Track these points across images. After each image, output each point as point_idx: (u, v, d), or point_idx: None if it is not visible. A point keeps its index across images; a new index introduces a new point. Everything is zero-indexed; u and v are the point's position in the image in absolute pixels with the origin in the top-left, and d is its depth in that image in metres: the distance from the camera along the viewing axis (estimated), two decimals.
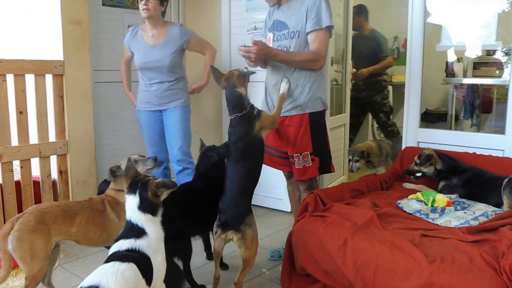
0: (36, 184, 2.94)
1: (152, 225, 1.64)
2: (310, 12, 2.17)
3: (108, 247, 1.67)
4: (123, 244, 1.57)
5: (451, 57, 4.38)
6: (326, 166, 2.35)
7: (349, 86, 4.05)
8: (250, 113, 2.03)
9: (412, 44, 2.88)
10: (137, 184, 1.66)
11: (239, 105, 2.02)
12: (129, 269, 1.46)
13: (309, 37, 2.21)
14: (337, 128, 3.85)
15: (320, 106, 2.30)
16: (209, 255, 2.47)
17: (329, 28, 2.20)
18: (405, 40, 6.78)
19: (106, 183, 2.92)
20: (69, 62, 2.96)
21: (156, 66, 2.86)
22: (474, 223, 1.96)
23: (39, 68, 2.85)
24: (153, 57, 2.85)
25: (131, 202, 1.66)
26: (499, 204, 2.17)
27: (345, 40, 4.06)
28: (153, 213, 1.65)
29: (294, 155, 2.30)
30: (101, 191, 2.94)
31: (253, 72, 2.10)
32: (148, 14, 2.77)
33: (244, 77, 2.04)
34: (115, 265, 1.45)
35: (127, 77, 3.12)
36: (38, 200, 2.94)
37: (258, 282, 2.33)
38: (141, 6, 2.77)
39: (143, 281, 1.51)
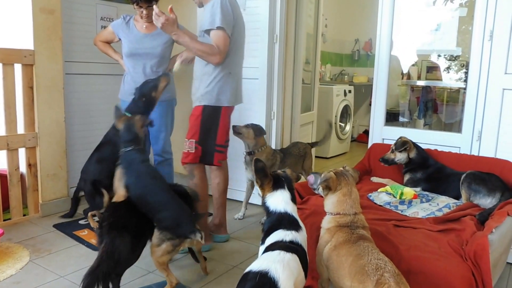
0: (3, 177, 2.83)
1: (299, 219, 1.70)
2: (207, 13, 2.35)
3: None
4: (286, 235, 1.57)
5: (408, 60, 4.71)
6: (208, 157, 2.51)
7: (317, 85, 4.21)
8: None
9: (380, 49, 3.05)
10: (281, 179, 1.74)
11: None
12: (293, 260, 1.45)
13: (210, 35, 2.35)
14: (305, 125, 4.00)
15: (215, 101, 2.43)
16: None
17: (221, 29, 2.31)
18: (365, 43, 7.11)
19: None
20: (39, 52, 2.86)
21: (146, 53, 2.89)
22: (439, 214, 2.15)
23: (8, 57, 2.73)
24: (145, 45, 2.90)
25: (282, 195, 1.71)
26: (457, 197, 2.40)
27: (315, 41, 4.21)
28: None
29: (185, 139, 2.50)
30: (91, 189, 2.78)
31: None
32: (149, 20, 2.85)
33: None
34: (281, 254, 1.44)
35: (109, 47, 3.07)
36: (5, 194, 2.83)
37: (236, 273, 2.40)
38: (140, 11, 2.83)
39: (303, 273, 1.49)
